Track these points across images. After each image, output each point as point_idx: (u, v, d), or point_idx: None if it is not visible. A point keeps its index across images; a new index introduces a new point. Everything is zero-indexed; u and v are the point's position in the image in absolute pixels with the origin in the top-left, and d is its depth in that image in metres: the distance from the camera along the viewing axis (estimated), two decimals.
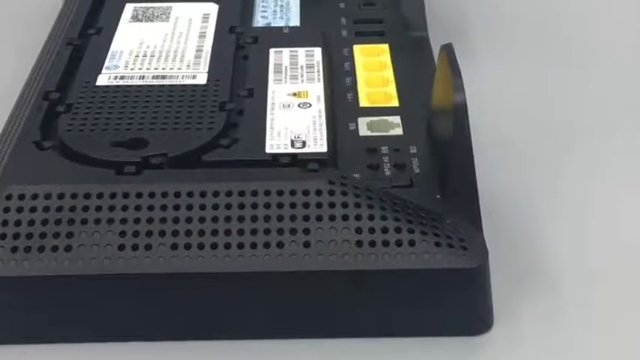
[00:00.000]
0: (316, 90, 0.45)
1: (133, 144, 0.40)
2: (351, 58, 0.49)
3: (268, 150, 0.40)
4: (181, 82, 0.45)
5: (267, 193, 0.37)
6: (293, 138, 0.41)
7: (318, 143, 0.41)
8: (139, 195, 0.37)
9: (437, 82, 0.42)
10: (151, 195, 0.37)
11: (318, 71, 0.46)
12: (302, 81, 0.45)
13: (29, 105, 0.44)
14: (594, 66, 0.55)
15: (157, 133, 0.41)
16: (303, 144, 0.41)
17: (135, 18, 0.51)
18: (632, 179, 0.46)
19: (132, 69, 0.46)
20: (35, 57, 0.50)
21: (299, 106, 0.43)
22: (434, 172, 0.40)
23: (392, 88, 0.47)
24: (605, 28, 0.58)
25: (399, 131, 0.43)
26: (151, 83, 0.45)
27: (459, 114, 0.37)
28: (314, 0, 0.54)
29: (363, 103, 0.45)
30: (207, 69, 0.46)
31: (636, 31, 0.58)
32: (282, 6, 0.55)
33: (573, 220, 0.43)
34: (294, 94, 0.44)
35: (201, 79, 0.45)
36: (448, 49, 0.40)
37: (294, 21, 0.52)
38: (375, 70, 0.48)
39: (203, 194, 0.37)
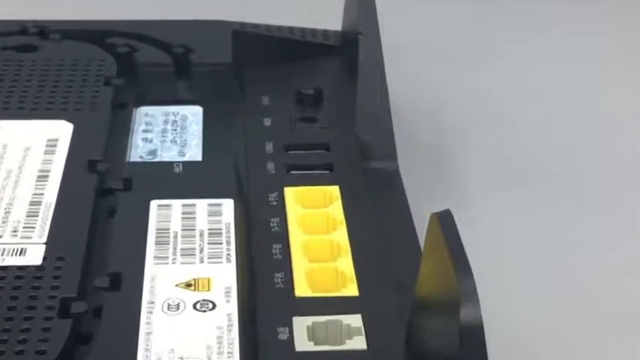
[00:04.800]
0: (225, 277, 0.32)
1: None
2: (281, 209, 0.36)
3: None
4: (0, 263, 0.32)
5: None
6: None
7: None
8: None
9: (425, 262, 0.29)
10: None
11: (228, 242, 0.33)
12: (201, 260, 0.32)
13: None
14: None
15: None
16: None
17: None
18: None
19: None
20: None
21: (195, 307, 0.30)
22: None
23: (347, 263, 0.34)
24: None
25: (360, 343, 0.30)
26: None
27: (472, 341, 0.25)
28: (222, 112, 0.41)
29: (301, 290, 0.33)
30: (45, 238, 0.33)
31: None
32: (174, 121, 0.40)
33: None
34: (189, 285, 0.31)
35: (35, 256, 0.32)
36: (446, 223, 0.27)
37: (193, 146, 0.39)
38: (319, 231, 0.35)
39: None
